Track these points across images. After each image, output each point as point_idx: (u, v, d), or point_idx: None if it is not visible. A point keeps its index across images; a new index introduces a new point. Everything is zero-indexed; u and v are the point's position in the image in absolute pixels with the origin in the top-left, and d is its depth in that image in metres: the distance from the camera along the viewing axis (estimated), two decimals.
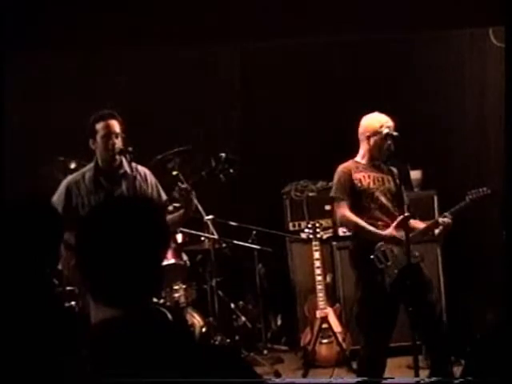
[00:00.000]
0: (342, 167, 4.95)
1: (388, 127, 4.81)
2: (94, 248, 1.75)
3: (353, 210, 4.84)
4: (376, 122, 4.88)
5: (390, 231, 4.77)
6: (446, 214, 4.83)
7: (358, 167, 4.91)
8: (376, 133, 4.84)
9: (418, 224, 4.96)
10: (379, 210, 4.83)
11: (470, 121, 6.80)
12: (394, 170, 4.94)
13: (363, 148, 4.93)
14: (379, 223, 4.81)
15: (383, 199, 4.84)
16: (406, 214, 4.73)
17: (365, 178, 4.87)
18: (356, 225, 4.84)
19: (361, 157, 4.95)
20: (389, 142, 4.81)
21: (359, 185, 4.85)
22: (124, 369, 1.63)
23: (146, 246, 1.77)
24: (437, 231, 4.89)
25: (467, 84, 6.83)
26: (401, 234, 4.70)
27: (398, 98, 6.53)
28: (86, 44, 5.56)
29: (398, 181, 4.87)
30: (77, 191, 4.60)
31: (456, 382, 1.74)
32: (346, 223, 5.03)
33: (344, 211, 4.85)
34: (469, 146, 6.80)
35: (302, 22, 5.60)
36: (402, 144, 4.79)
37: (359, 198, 4.85)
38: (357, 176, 4.87)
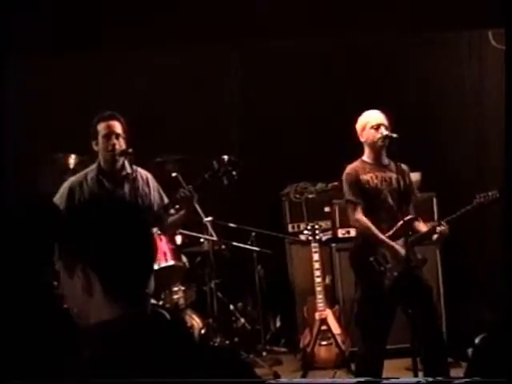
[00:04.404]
0: (349, 169, 4.94)
1: (376, 120, 4.82)
2: (106, 244, 1.76)
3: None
4: (365, 119, 4.90)
5: (398, 248, 4.75)
6: (443, 222, 4.83)
7: (365, 168, 4.90)
8: (366, 129, 4.85)
9: (420, 227, 4.94)
10: (386, 210, 4.82)
11: (470, 123, 6.81)
12: (405, 167, 4.92)
13: (365, 147, 4.93)
14: (384, 224, 4.81)
15: (390, 200, 4.83)
16: (407, 218, 4.72)
17: (372, 179, 4.86)
18: (368, 230, 4.81)
19: (366, 156, 4.94)
20: (381, 137, 4.80)
21: (367, 186, 4.84)
22: (123, 369, 1.63)
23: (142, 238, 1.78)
24: (434, 237, 4.89)
25: (467, 86, 6.84)
26: (405, 254, 4.67)
27: (397, 99, 6.53)
28: (86, 45, 5.56)
29: (407, 179, 4.87)
30: (79, 192, 4.62)
31: (456, 382, 1.75)
32: (359, 228, 5.00)
33: (358, 215, 4.83)
34: (468, 147, 6.81)
35: (302, 22, 5.61)
36: (402, 146, 4.79)
37: (367, 199, 4.84)
38: (364, 177, 4.86)
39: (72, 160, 5.69)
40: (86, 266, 1.74)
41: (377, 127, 4.83)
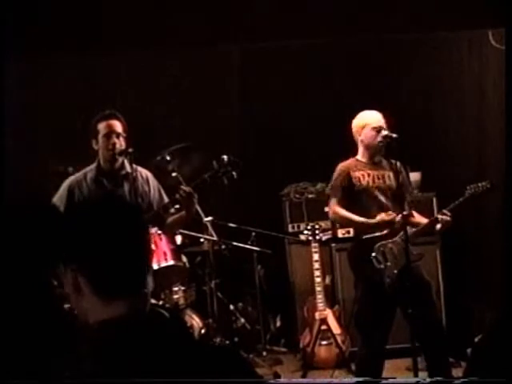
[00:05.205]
0: (341, 165, 4.97)
1: (377, 122, 4.84)
2: (94, 244, 1.76)
3: (352, 209, 4.84)
4: (364, 119, 4.92)
5: (381, 216, 4.76)
6: (445, 211, 4.81)
7: (357, 166, 4.92)
8: (366, 129, 4.87)
9: (420, 219, 4.95)
10: (379, 209, 4.82)
11: (470, 123, 6.82)
12: (398, 164, 4.92)
13: (360, 146, 4.95)
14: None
15: (382, 198, 4.84)
16: (404, 213, 4.72)
17: (364, 177, 4.88)
18: (346, 218, 4.88)
19: (361, 155, 4.97)
20: (381, 138, 4.82)
21: (358, 183, 4.86)
22: (122, 369, 1.63)
23: (136, 238, 1.78)
24: (438, 226, 4.87)
25: (467, 86, 6.84)
26: (392, 217, 4.70)
27: (398, 99, 6.54)
28: (86, 45, 5.57)
29: (399, 176, 4.87)
30: (79, 191, 4.60)
31: (456, 382, 1.75)
32: (337, 218, 5.06)
33: (334, 207, 4.88)
34: (468, 147, 6.82)
35: (302, 22, 5.61)
36: (402, 146, 4.80)
37: (358, 197, 4.85)
38: (356, 175, 4.88)
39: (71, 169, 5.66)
40: (73, 264, 1.74)
41: (378, 129, 4.84)
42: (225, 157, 4.43)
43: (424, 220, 4.95)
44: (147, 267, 1.81)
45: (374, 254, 4.74)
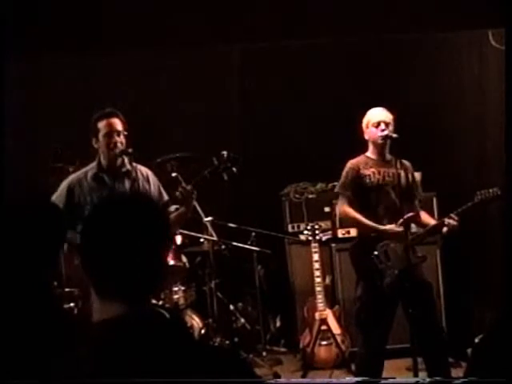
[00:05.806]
0: (350, 163, 4.95)
1: (376, 117, 4.84)
2: (96, 244, 1.75)
3: (362, 206, 4.83)
4: (367, 117, 4.93)
5: (390, 226, 4.74)
6: (452, 215, 4.80)
7: (367, 163, 4.90)
8: (369, 127, 4.87)
9: (428, 220, 4.95)
10: (388, 206, 4.81)
11: (470, 122, 6.82)
12: (407, 163, 4.92)
13: (369, 144, 4.94)
14: (385, 220, 4.80)
15: (393, 195, 4.82)
16: (409, 215, 4.71)
17: (374, 174, 4.86)
18: (355, 220, 4.85)
19: (370, 152, 4.95)
20: (380, 131, 4.81)
21: (368, 181, 4.84)
22: (122, 369, 1.63)
23: (147, 241, 1.76)
24: (444, 230, 4.86)
25: (467, 86, 6.84)
26: (402, 229, 4.68)
27: (398, 99, 6.52)
28: (86, 45, 5.57)
29: (410, 176, 4.87)
30: (79, 189, 4.59)
31: (456, 382, 1.75)
32: (345, 218, 5.05)
33: (344, 207, 4.87)
34: (468, 147, 6.81)
35: (302, 22, 5.61)
36: (402, 146, 4.80)
37: (368, 195, 4.83)
38: (366, 172, 4.86)
39: (71, 169, 5.67)
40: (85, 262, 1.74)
41: (377, 125, 4.84)
42: (224, 153, 4.42)
43: (432, 221, 4.94)
44: (161, 270, 1.80)
45: (375, 253, 4.74)
